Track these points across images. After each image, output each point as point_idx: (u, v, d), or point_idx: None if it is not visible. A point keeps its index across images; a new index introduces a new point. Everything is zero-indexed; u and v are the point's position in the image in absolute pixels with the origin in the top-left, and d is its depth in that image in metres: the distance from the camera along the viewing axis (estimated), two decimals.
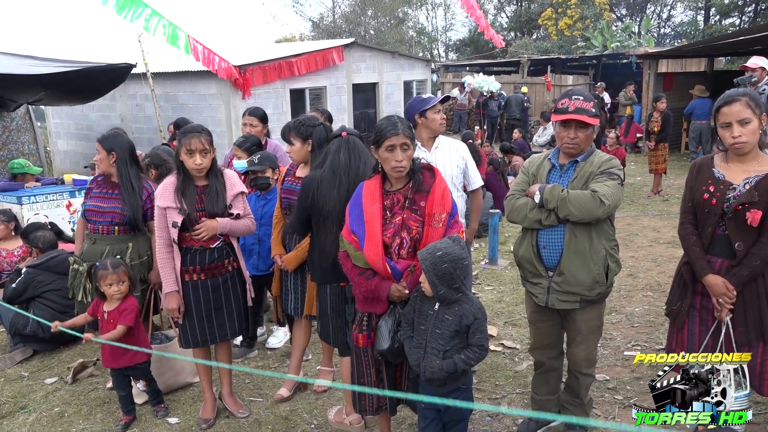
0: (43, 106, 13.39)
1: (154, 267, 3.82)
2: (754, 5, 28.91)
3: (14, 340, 4.86)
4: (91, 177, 6.89)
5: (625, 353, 4.44)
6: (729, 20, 30.68)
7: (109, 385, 4.22)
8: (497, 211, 7.08)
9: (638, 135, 14.81)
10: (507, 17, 35.99)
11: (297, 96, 12.89)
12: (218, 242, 3.52)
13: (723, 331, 2.80)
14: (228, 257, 3.58)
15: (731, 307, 2.80)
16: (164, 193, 3.40)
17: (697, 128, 12.29)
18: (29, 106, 9.91)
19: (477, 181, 4.11)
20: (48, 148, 14.60)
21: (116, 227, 3.87)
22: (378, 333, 2.92)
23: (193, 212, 3.38)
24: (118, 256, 3.77)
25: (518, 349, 4.60)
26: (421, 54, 32.07)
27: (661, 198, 9.83)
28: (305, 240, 3.66)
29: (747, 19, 29.91)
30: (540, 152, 11.42)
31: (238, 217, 3.57)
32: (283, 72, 12.22)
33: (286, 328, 4.85)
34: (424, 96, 3.93)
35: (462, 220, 3.37)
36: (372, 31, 31.34)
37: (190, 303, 3.49)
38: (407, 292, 2.83)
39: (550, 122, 12.25)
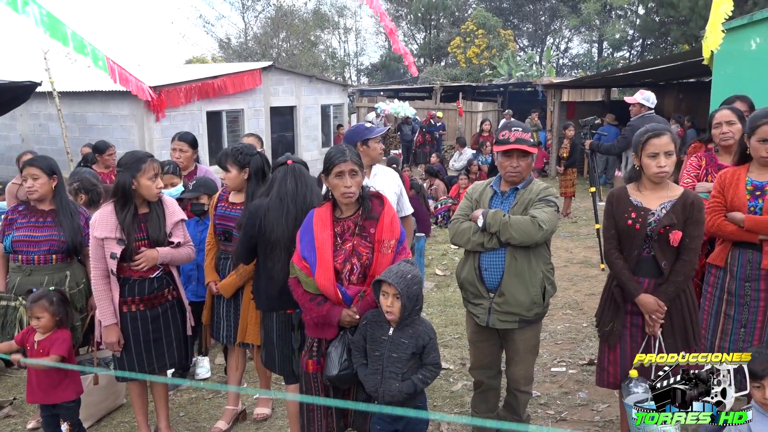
0: None
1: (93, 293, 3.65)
2: (641, 40, 31.39)
3: None
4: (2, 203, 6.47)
5: (552, 369, 4.67)
6: (620, 53, 33.18)
7: (30, 425, 3.97)
8: (422, 234, 7.25)
9: (544, 160, 15.63)
10: (417, 44, 37.08)
11: (214, 118, 12.67)
12: (158, 272, 3.42)
13: (656, 344, 3.03)
14: (168, 286, 3.50)
15: (662, 321, 3.03)
16: (102, 222, 3.26)
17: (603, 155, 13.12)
18: None
19: (408, 207, 4.25)
20: None
21: (54, 256, 3.68)
22: (327, 359, 2.94)
23: (132, 242, 3.27)
24: (51, 287, 3.56)
25: (452, 370, 4.72)
26: (333, 78, 32.35)
27: (571, 220, 10.41)
28: (240, 266, 3.63)
29: (636, 53, 32.46)
30: (456, 176, 11.64)
31: (178, 245, 3.49)
32: (199, 94, 11.99)
33: (208, 357, 4.83)
34: (366, 125, 4.02)
35: None
36: (284, 54, 31.31)
37: (129, 335, 3.36)
38: (358, 317, 2.88)
39: (466, 147, 12.72)
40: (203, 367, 4.76)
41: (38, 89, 9.42)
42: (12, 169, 6.99)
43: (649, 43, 30.59)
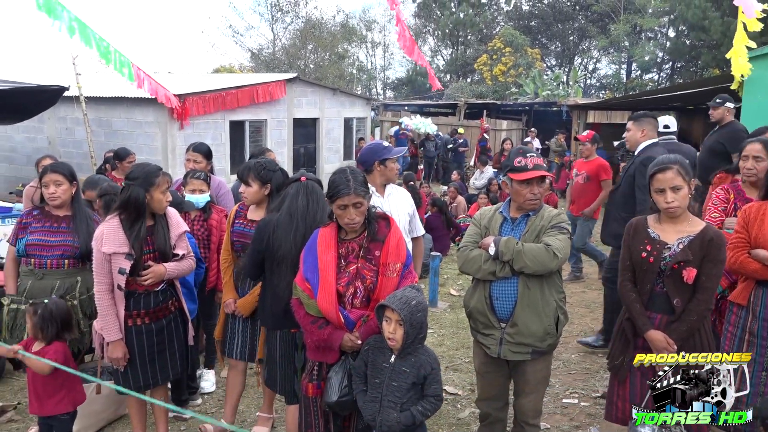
0: None
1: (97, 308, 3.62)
2: (671, 63, 31.02)
3: None
4: (17, 204, 6.54)
5: (564, 401, 4.52)
6: (649, 75, 32.79)
7: (32, 431, 3.93)
8: (438, 253, 7.16)
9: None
10: (444, 60, 37.10)
11: (236, 128, 12.72)
12: (163, 284, 3.39)
13: None
14: (171, 298, 3.48)
15: None
16: (111, 238, 3.18)
17: None
18: None
19: (420, 228, 4.18)
20: None
21: (66, 261, 3.68)
22: (328, 384, 2.87)
23: (140, 256, 3.23)
24: (61, 292, 3.56)
25: (460, 395, 4.60)
26: (359, 91, 32.47)
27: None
28: (258, 286, 3.58)
29: (665, 75, 32.06)
30: (476, 194, 11.51)
31: (182, 257, 3.46)
32: (223, 103, 12.05)
33: (214, 371, 4.79)
34: (384, 144, 3.96)
35: None
36: (312, 66, 31.52)
37: (134, 349, 3.32)
38: (360, 342, 2.80)
39: (488, 165, 12.60)
40: (208, 380, 4.71)
41: (66, 93, 9.54)
42: None
43: (679, 66, 30.22)
